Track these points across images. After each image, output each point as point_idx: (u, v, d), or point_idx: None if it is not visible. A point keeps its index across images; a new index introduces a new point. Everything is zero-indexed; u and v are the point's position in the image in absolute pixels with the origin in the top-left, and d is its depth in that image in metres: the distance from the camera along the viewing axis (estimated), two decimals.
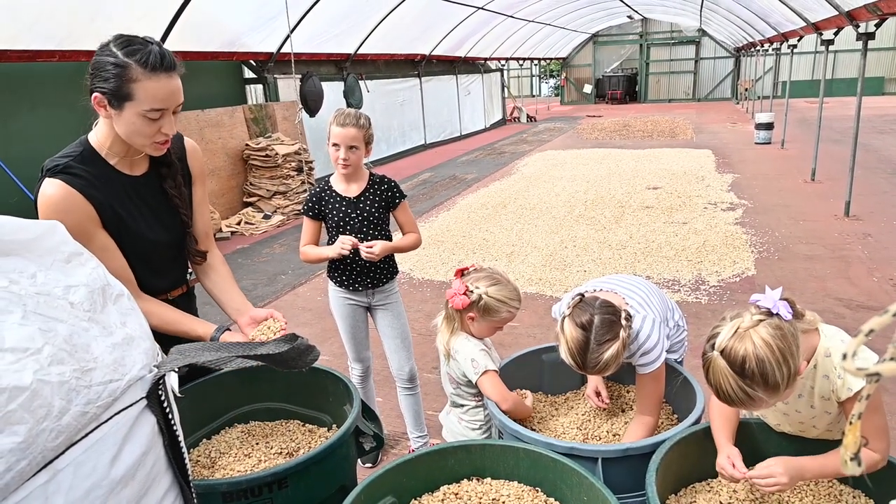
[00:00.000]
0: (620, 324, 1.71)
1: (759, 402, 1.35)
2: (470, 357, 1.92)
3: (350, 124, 2.40)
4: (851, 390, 1.37)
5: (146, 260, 1.72)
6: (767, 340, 1.31)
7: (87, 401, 0.93)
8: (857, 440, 0.71)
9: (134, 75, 1.48)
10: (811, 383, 1.48)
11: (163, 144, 1.63)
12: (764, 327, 1.33)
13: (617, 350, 1.68)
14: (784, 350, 1.31)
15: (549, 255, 5.90)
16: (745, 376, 1.32)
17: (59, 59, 5.90)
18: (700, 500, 1.59)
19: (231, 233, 7.51)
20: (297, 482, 1.58)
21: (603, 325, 1.69)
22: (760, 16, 12.71)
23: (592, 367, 1.70)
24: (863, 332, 0.45)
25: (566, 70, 28.75)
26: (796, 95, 21.31)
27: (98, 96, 1.52)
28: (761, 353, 1.30)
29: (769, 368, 1.30)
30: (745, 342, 1.32)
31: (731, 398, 1.35)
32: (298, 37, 8.54)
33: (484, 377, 1.89)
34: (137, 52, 1.48)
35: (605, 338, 1.68)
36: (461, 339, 1.97)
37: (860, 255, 5.52)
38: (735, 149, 12.10)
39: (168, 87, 1.53)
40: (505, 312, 1.94)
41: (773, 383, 1.31)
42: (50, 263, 1.04)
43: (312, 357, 1.27)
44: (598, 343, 1.67)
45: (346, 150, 2.42)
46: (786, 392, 1.35)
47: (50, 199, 1.53)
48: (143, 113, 1.52)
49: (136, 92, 1.49)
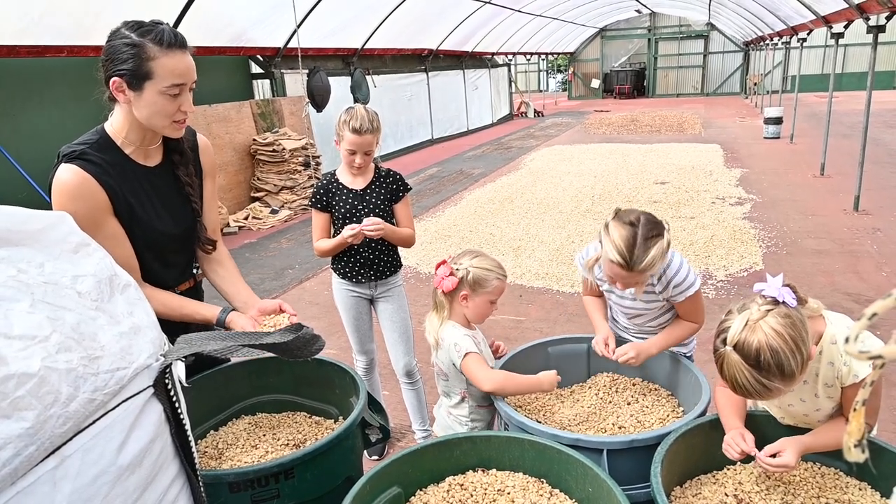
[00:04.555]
0: (663, 225, 1.82)
1: (776, 392, 1.35)
2: (453, 342, 1.91)
3: (367, 131, 2.39)
4: (857, 377, 1.37)
5: (155, 250, 1.73)
6: (779, 330, 1.32)
7: (95, 388, 0.94)
8: (862, 426, 0.70)
9: (151, 53, 1.51)
10: (816, 370, 1.48)
11: (181, 123, 1.65)
12: (773, 317, 1.33)
13: (661, 248, 1.76)
14: (796, 338, 1.31)
15: (556, 249, 5.89)
16: (760, 368, 1.32)
17: (67, 54, 5.93)
18: (705, 491, 1.59)
19: (238, 228, 7.53)
20: (304, 473, 1.59)
21: (649, 223, 1.79)
22: (769, 9, 12.61)
23: (639, 264, 1.75)
24: (866, 316, 0.45)
25: (574, 65, 28.62)
26: (806, 90, 21.13)
27: (117, 80, 1.53)
28: (774, 343, 1.31)
29: (784, 358, 1.30)
30: (757, 334, 1.32)
31: (747, 391, 1.36)
32: (305, 32, 8.55)
33: (466, 359, 1.87)
34: (151, 32, 1.52)
35: (652, 233, 1.77)
36: (448, 327, 1.97)
37: (869, 250, 5.48)
38: (744, 143, 12.02)
39: (185, 62, 1.56)
40: (494, 280, 1.94)
41: (789, 372, 1.31)
42: (58, 253, 1.05)
43: (317, 347, 1.28)
44: (645, 238, 1.75)
45: (363, 155, 2.45)
46: (800, 378, 1.35)
47: (65, 184, 1.54)
48: (164, 90, 1.54)
49: (155, 69, 1.52)
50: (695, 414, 1.70)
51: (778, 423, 1.67)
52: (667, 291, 1.93)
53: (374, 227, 2.38)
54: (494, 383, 1.83)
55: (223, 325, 1.74)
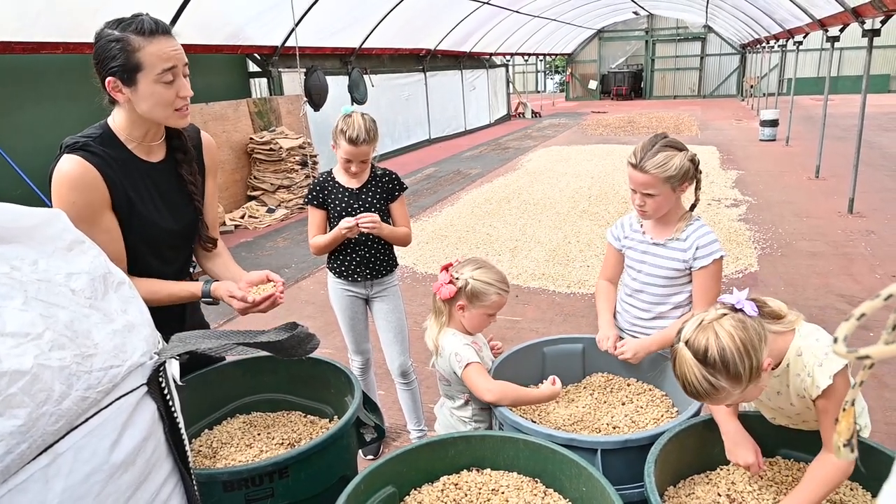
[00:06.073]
0: (689, 155, 1.93)
1: (724, 393, 1.37)
2: (454, 351, 1.90)
3: (363, 142, 2.39)
4: (820, 388, 1.39)
5: (153, 246, 1.73)
6: (730, 331, 1.36)
7: (88, 386, 0.94)
8: (851, 426, 0.71)
9: (136, 44, 1.51)
10: (786, 382, 1.51)
11: (184, 111, 1.65)
12: (727, 320, 1.38)
13: (670, 157, 1.88)
14: (746, 341, 1.35)
15: (553, 250, 5.90)
16: (707, 364, 1.35)
17: (63, 51, 5.92)
18: (699, 491, 1.59)
19: (235, 226, 7.52)
20: (298, 472, 1.59)
21: (670, 139, 1.94)
22: (766, 12, 12.65)
23: (646, 161, 1.89)
24: (854, 317, 0.45)
25: (571, 66, 28.66)
26: (801, 92, 21.20)
27: (111, 80, 1.54)
28: (724, 342, 1.35)
29: (731, 357, 1.33)
30: (709, 332, 1.37)
31: (696, 389, 1.39)
32: (303, 30, 8.54)
33: (468, 369, 1.86)
34: (131, 24, 1.53)
35: (668, 144, 1.92)
36: (448, 334, 1.95)
37: (863, 252, 5.50)
38: (740, 145, 12.06)
39: (171, 46, 1.56)
40: (493, 295, 1.91)
41: (735, 373, 1.34)
42: (51, 251, 1.05)
43: (312, 345, 1.28)
44: (661, 145, 1.91)
45: (359, 164, 2.45)
46: (750, 386, 1.37)
47: (67, 174, 1.54)
48: (157, 78, 1.54)
49: (144, 59, 1.52)
50: (688, 414, 1.71)
51: (769, 423, 1.68)
52: (690, 252, 1.97)
53: (370, 221, 2.38)
54: (495, 395, 1.82)
55: (208, 295, 1.74)
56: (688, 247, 1.97)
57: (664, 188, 1.92)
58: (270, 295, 1.72)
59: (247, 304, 1.69)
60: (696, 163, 1.96)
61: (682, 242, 1.99)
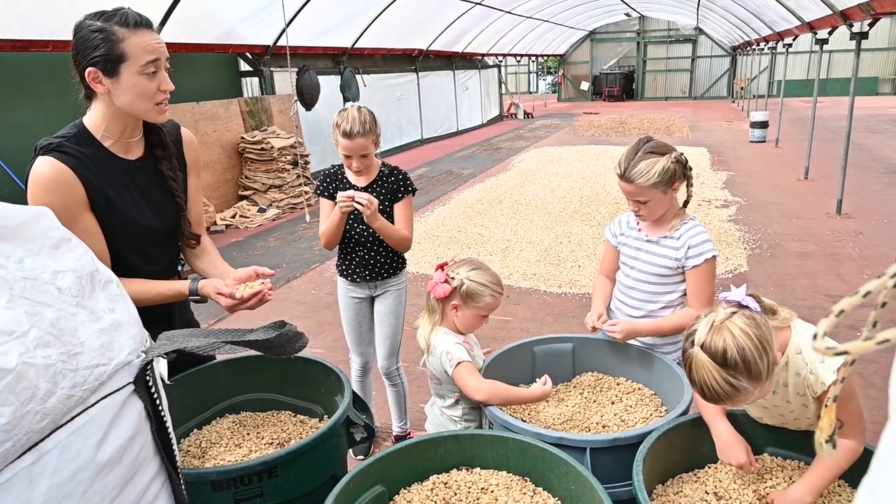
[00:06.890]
0: (670, 149, 1.94)
1: (744, 394, 1.35)
2: (445, 350, 1.90)
3: (358, 134, 2.31)
4: (825, 384, 1.38)
5: (135, 244, 1.71)
6: (745, 329, 1.33)
7: (74, 384, 0.93)
8: (833, 422, 0.72)
9: (120, 35, 1.50)
10: (784, 380, 1.49)
11: (164, 105, 1.63)
12: (739, 318, 1.35)
13: (652, 164, 1.89)
14: (762, 338, 1.33)
15: (544, 250, 5.91)
16: (727, 366, 1.32)
17: (52, 49, 5.87)
18: (687, 489, 1.60)
19: (226, 226, 7.49)
20: (287, 471, 1.58)
21: (653, 144, 1.95)
22: (756, 14, 12.73)
23: (630, 171, 1.91)
24: (833, 313, 0.46)
25: (563, 67, 28.73)
26: (791, 94, 21.36)
27: (92, 70, 1.52)
28: (741, 341, 1.32)
29: (751, 356, 1.31)
30: (724, 333, 1.34)
31: (716, 393, 1.35)
32: (295, 30, 8.51)
33: (458, 368, 1.85)
34: (115, 15, 1.52)
35: (650, 150, 1.92)
36: (440, 333, 1.95)
37: (851, 253, 5.55)
38: (730, 147, 12.13)
39: (154, 38, 1.56)
40: (488, 296, 1.91)
41: (756, 371, 1.32)
42: (38, 249, 1.04)
43: (301, 344, 1.28)
44: (643, 152, 1.92)
45: (359, 159, 2.38)
46: (767, 382, 1.36)
47: (41, 176, 1.52)
48: (141, 69, 1.53)
49: (128, 49, 1.51)
50: (676, 413, 1.72)
51: (757, 423, 1.69)
52: (682, 250, 1.98)
53: (365, 199, 2.26)
54: (485, 394, 1.81)
55: (196, 293, 1.72)
56: (680, 245, 1.99)
57: (653, 193, 1.93)
58: (259, 291, 1.70)
59: (235, 300, 1.67)
60: (682, 162, 1.96)
61: (674, 241, 2.00)
